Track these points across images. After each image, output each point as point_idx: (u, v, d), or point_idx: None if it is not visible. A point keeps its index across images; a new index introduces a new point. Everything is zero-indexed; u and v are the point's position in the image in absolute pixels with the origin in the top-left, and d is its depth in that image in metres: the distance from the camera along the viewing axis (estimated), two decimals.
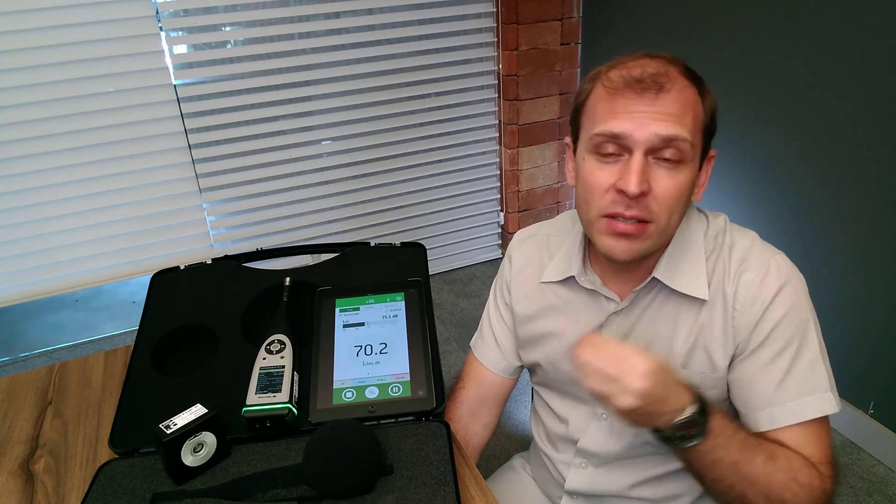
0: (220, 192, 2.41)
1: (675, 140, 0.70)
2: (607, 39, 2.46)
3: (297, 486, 0.75)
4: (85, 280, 2.35)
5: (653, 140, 0.70)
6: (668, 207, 0.73)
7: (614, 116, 0.72)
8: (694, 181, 0.75)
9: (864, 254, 1.67)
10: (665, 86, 0.71)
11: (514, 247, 0.98)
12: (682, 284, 0.79)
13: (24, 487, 0.83)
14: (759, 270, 0.77)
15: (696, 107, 0.73)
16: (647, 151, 0.71)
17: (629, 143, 0.71)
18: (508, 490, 1.05)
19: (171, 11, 2.13)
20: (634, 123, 0.71)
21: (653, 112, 0.70)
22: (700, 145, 0.75)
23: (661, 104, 0.71)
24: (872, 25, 1.51)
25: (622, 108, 0.72)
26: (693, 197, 0.78)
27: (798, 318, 0.76)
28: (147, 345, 0.97)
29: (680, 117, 0.71)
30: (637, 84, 0.71)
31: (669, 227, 0.75)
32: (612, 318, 0.84)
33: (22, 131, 2.08)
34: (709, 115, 0.75)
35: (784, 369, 0.76)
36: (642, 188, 0.70)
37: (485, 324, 1.02)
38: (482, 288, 2.74)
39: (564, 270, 0.88)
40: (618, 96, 0.72)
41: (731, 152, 1.98)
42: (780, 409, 0.75)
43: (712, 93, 0.77)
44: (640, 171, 0.70)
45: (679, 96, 0.71)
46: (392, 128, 2.55)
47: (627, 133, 0.71)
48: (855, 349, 1.72)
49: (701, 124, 0.74)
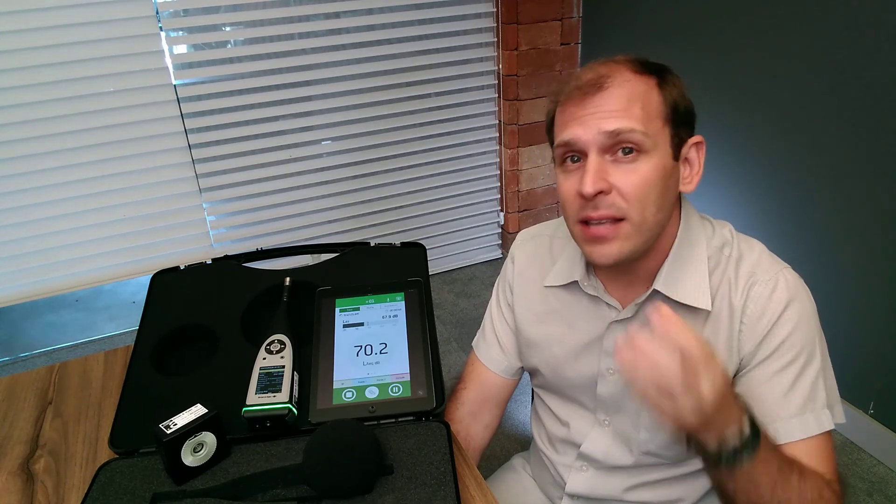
0: (220, 192, 2.41)
1: (621, 133, 0.71)
2: (607, 39, 2.46)
3: (297, 486, 0.75)
4: (85, 280, 2.35)
5: (599, 138, 0.71)
6: (638, 200, 0.72)
7: (565, 126, 0.75)
8: (665, 172, 0.73)
9: (864, 254, 1.67)
10: (604, 85, 0.72)
11: (517, 247, 0.98)
12: (683, 295, 0.78)
13: (24, 487, 0.83)
14: (767, 284, 0.76)
15: (646, 96, 0.73)
16: (600, 150, 0.72)
17: (582, 147, 0.73)
18: (508, 490, 1.05)
19: (171, 11, 2.13)
20: (582, 127, 0.72)
21: (597, 112, 0.72)
22: (664, 133, 0.74)
23: (603, 102, 0.72)
24: (874, 25, 1.51)
25: (570, 116, 0.74)
26: (684, 188, 0.78)
27: (806, 334, 0.76)
28: (147, 345, 0.97)
29: (625, 110, 0.71)
30: (577, 91, 0.73)
31: (647, 223, 0.73)
32: (614, 325, 0.84)
33: (22, 131, 2.08)
34: (669, 102, 0.74)
35: (789, 384, 0.75)
36: (597, 187, 0.71)
37: (487, 324, 1.02)
38: (482, 288, 2.74)
39: (568, 275, 0.87)
40: (567, 107, 0.75)
41: (731, 152, 1.98)
42: (781, 425, 0.75)
43: (678, 81, 0.76)
44: (594, 172, 0.71)
45: (621, 91, 0.72)
46: (392, 128, 2.55)
47: (576, 137, 0.73)
48: (855, 349, 1.72)
49: (658, 112, 0.73)
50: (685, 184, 0.78)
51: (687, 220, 0.81)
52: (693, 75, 2.00)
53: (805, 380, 0.76)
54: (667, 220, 0.77)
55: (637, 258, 0.77)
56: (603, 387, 0.86)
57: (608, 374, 0.85)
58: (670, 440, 0.83)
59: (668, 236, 0.79)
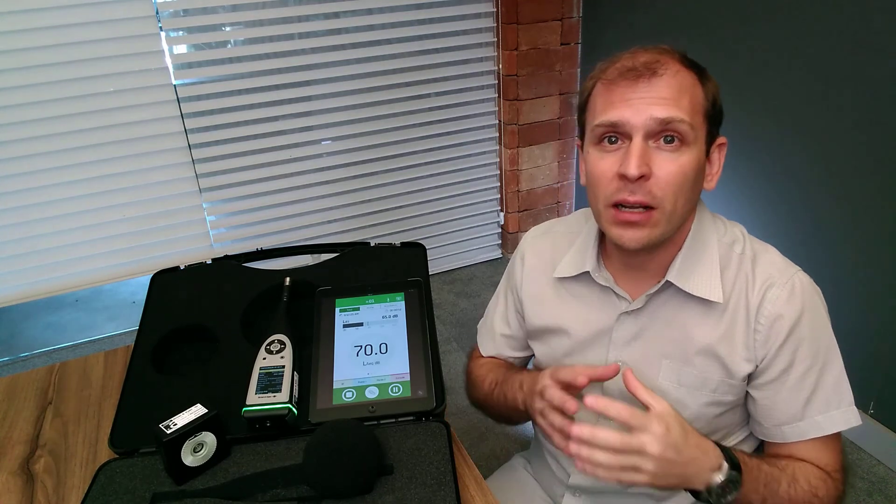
0: (220, 192, 2.41)
1: (671, 122, 0.71)
2: (607, 39, 2.46)
3: (297, 486, 0.75)
4: (85, 280, 2.35)
5: (649, 123, 0.71)
6: (673, 191, 0.73)
7: (612, 106, 0.74)
8: (699, 166, 0.75)
9: (864, 253, 1.66)
10: (658, 71, 0.72)
11: (528, 242, 0.98)
12: (695, 287, 0.79)
13: (24, 487, 0.83)
14: (783, 287, 0.77)
15: (693, 90, 0.74)
16: (645, 136, 0.72)
17: (628, 130, 0.73)
18: (509, 490, 1.05)
19: (171, 11, 2.13)
20: (631, 110, 0.72)
21: (648, 97, 0.72)
22: (703, 129, 0.75)
23: (656, 89, 0.72)
24: (877, 24, 1.51)
25: (618, 97, 0.73)
26: (706, 185, 0.79)
27: (822, 337, 0.79)
28: (147, 345, 0.97)
29: (676, 100, 0.72)
30: (630, 73, 0.73)
31: (676, 213, 0.74)
32: (623, 317, 0.84)
33: (22, 131, 2.08)
34: (710, 100, 0.76)
35: (811, 387, 0.78)
36: (642, 171, 0.71)
37: (491, 318, 1.03)
38: (482, 288, 2.74)
39: (579, 266, 0.87)
40: (613, 87, 0.74)
41: (732, 151, 1.98)
42: (807, 424, 0.78)
43: (714, 81, 0.77)
44: (640, 155, 0.71)
45: (673, 80, 0.72)
46: (392, 128, 2.55)
47: (625, 120, 0.72)
48: (855, 349, 1.72)
49: (701, 108, 0.74)
50: (707, 181, 0.79)
51: (700, 216, 0.82)
52: None
53: (827, 380, 0.78)
54: (690, 214, 0.79)
55: (656, 248, 0.78)
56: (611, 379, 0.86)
57: None
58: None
59: (683, 230, 0.80)
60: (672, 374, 0.82)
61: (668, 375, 0.82)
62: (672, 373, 0.82)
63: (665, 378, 0.82)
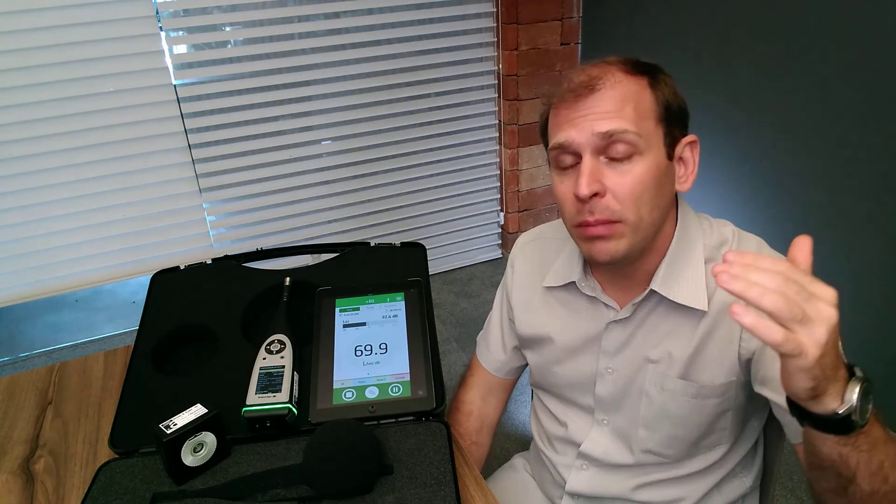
0: (220, 192, 2.41)
1: (614, 133, 0.71)
2: (607, 39, 2.46)
3: (297, 486, 0.75)
4: (85, 280, 2.35)
5: (593, 140, 0.72)
6: (632, 202, 0.72)
7: (559, 128, 0.75)
8: (660, 172, 0.74)
9: (861, 253, 1.67)
10: (596, 86, 0.72)
11: (517, 250, 0.99)
12: (680, 295, 0.78)
13: (24, 487, 0.83)
14: None
15: (639, 96, 0.73)
16: (594, 152, 0.72)
17: (577, 149, 0.73)
18: (508, 490, 1.05)
19: (171, 11, 2.13)
20: (576, 129, 0.73)
21: (590, 113, 0.72)
22: (657, 133, 0.74)
23: (596, 104, 0.72)
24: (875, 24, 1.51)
25: (563, 118, 0.74)
26: (679, 187, 0.78)
27: None
28: (147, 345, 0.97)
29: (618, 111, 0.72)
30: (570, 93, 0.74)
31: (643, 222, 0.74)
32: (612, 326, 0.84)
33: (22, 131, 2.08)
34: (662, 102, 0.75)
35: None
36: (592, 189, 0.71)
37: (489, 325, 1.04)
38: (482, 288, 2.74)
39: (566, 275, 0.88)
40: (559, 109, 0.75)
41: (730, 151, 1.98)
42: None
43: (669, 80, 0.77)
44: (589, 174, 0.71)
45: (613, 92, 0.72)
46: (392, 128, 2.55)
47: (570, 139, 0.73)
48: (855, 349, 1.72)
49: (651, 112, 0.74)
50: (680, 183, 0.78)
51: (684, 219, 0.81)
52: (693, 75, 2.01)
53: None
54: (663, 220, 0.78)
55: (634, 258, 0.78)
56: (602, 386, 0.86)
57: (607, 374, 0.86)
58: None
59: (664, 236, 0.79)
60: (657, 377, 0.82)
61: (654, 380, 0.82)
62: (657, 376, 0.82)
63: (651, 383, 0.82)
